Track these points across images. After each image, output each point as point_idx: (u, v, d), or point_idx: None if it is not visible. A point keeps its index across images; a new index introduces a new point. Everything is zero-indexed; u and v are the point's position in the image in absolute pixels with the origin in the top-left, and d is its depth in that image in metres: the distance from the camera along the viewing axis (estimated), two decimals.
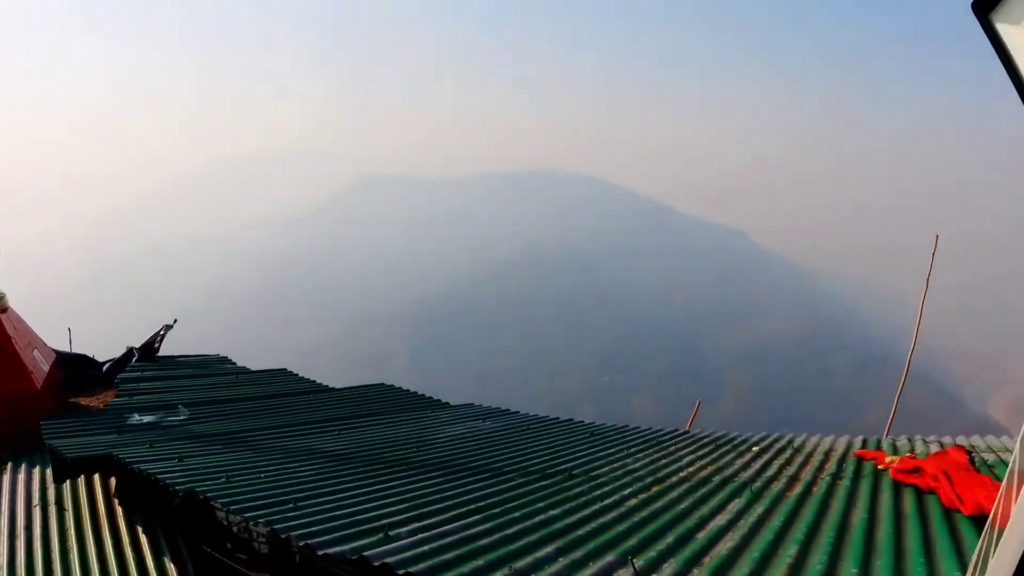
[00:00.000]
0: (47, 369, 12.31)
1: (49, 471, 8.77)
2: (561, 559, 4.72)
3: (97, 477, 8.51)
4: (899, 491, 6.15)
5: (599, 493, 6.27)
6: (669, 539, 5.12)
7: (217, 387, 12.71)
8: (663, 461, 7.71)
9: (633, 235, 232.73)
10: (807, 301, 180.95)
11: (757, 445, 8.55)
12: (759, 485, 6.50)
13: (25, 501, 8.28)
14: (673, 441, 8.99)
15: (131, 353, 14.53)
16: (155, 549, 6.93)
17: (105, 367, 14.23)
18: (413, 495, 6.25)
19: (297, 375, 14.24)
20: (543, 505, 5.90)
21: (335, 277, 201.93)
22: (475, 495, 6.26)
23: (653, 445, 8.69)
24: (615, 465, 7.47)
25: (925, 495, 5.97)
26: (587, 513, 5.73)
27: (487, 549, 4.87)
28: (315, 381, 13.68)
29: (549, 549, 4.89)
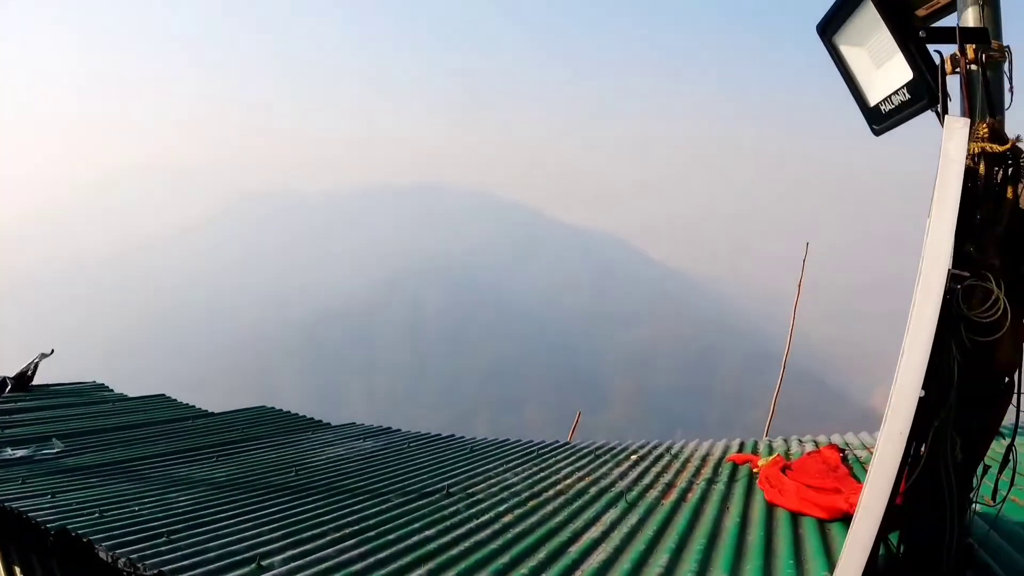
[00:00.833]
0: None
1: None
2: None
3: None
4: None
5: (475, 511, 6.38)
6: (541, 555, 5.24)
7: (94, 416, 12.23)
8: (541, 475, 7.86)
9: (518, 246, 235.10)
10: (689, 303, 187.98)
11: (636, 453, 8.70)
12: (634, 494, 6.66)
13: None
14: (552, 453, 9.18)
15: (3, 383, 14.01)
16: None
17: None
18: (290, 522, 6.20)
19: (176, 400, 13.83)
20: (419, 526, 5.94)
21: (217, 297, 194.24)
22: (352, 518, 6.24)
23: (532, 458, 8.86)
24: (493, 481, 7.61)
25: None
26: (462, 532, 5.78)
27: (360, 574, 4.90)
28: (194, 406, 13.33)
29: (421, 571, 4.94)
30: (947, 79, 3.26)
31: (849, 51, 3.83)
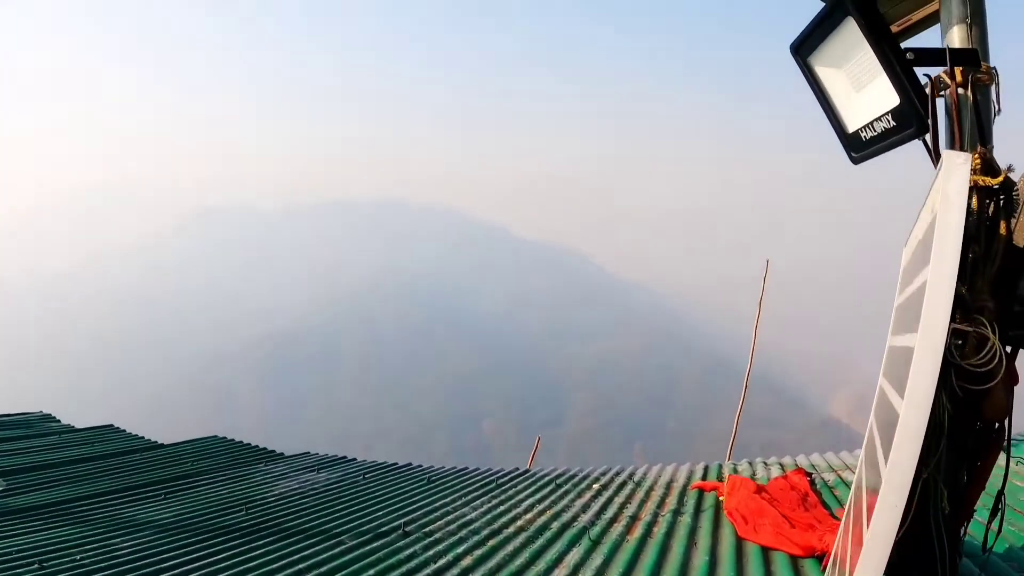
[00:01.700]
0: None
1: None
2: None
3: None
4: None
5: (432, 553, 6.16)
6: None
7: (38, 450, 11.61)
8: (501, 507, 7.67)
9: (479, 262, 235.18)
10: (649, 317, 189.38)
11: (598, 481, 8.47)
12: (598, 530, 6.47)
13: None
14: (513, 483, 9.02)
15: None
16: None
17: None
18: (239, 570, 5.89)
19: (125, 431, 13.29)
20: (373, 572, 5.69)
21: (173, 316, 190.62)
22: (305, 563, 5.97)
23: (492, 490, 8.68)
24: (451, 517, 7.39)
25: None
26: None
27: None
28: (143, 437, 12.80)
29: None
30: (936, 106, 3.02)
31: (826, 73, 3.58)
